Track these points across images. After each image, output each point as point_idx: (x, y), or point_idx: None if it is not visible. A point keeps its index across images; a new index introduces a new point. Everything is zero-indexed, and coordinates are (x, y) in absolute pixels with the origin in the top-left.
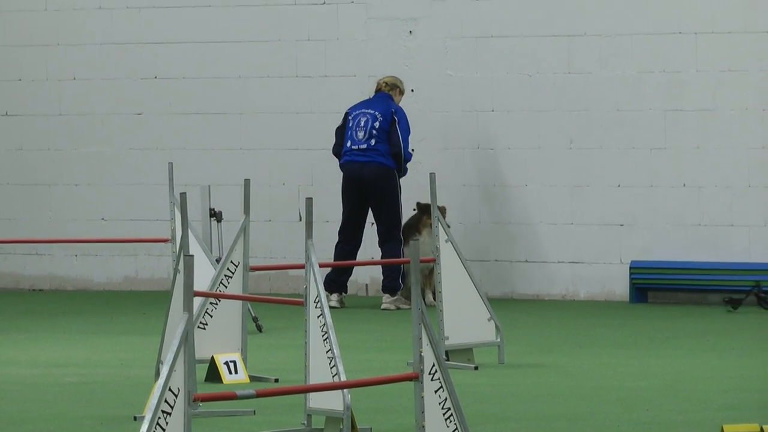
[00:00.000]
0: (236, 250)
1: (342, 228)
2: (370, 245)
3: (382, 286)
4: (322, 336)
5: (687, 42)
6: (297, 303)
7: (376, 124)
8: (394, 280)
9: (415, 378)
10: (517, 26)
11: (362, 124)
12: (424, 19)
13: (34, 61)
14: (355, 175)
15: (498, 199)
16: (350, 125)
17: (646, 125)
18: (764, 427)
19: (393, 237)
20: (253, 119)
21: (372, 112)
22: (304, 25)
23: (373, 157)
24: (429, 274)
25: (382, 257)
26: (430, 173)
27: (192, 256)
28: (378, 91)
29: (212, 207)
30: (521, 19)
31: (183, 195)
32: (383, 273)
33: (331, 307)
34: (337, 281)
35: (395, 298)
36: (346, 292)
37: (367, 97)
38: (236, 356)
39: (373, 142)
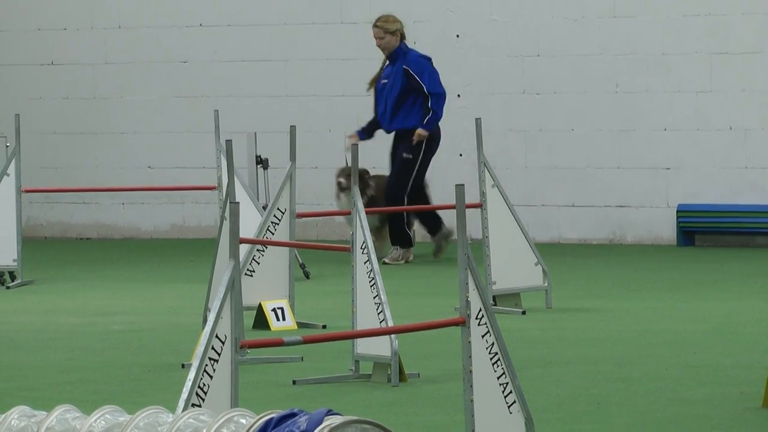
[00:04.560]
0: (283, 196)
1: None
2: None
3: (391, 238)
4: (369, 282)
5: None
6: (344, 249)
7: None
8: (402, 232)
9: (462, 323)
10: None
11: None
12: None
13: (79, 10)
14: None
15: (544, 143)
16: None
17: (692, 68)
18: None
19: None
20: (298, 66)
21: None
22: None
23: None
24: (380, 228)
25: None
26: (476, 118)
27: (238, 203)
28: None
29: (258, 154)
30: None
31: (229, 142)
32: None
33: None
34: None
35: (404, 250)
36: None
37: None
38: (284, 303)
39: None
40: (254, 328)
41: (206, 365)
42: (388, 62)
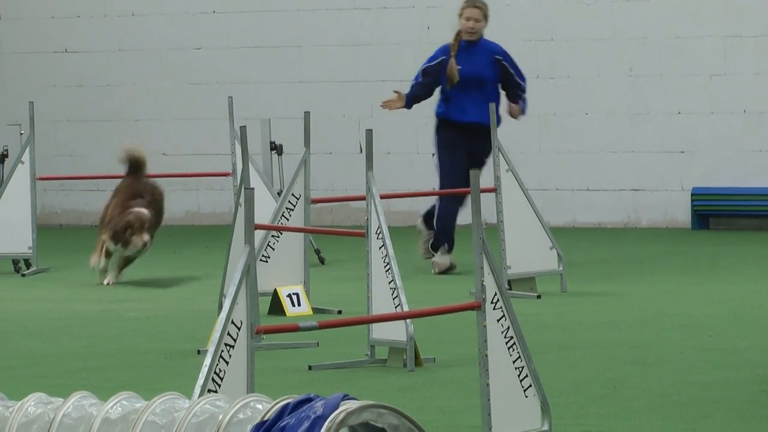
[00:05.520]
0: (297, 182)
1: None
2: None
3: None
4: (384, 267)
5: None
6: (359, 234)
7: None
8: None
9: (478, 307)
10: None
11: None
12: None
13: None
14: None
15: (558, 127)
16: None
17: (706, 52)
18: None
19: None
20: (312, 52)
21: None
22: None
23: None
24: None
25: None
26: (489, 103)
27: (253, 189)
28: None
29: (273, 140)
30: None
31: (243, 129)
32: None
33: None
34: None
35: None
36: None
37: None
38: (299, 288)
39: None
40: (270, 314)
41: (222, 351)
42: (457, 48)
